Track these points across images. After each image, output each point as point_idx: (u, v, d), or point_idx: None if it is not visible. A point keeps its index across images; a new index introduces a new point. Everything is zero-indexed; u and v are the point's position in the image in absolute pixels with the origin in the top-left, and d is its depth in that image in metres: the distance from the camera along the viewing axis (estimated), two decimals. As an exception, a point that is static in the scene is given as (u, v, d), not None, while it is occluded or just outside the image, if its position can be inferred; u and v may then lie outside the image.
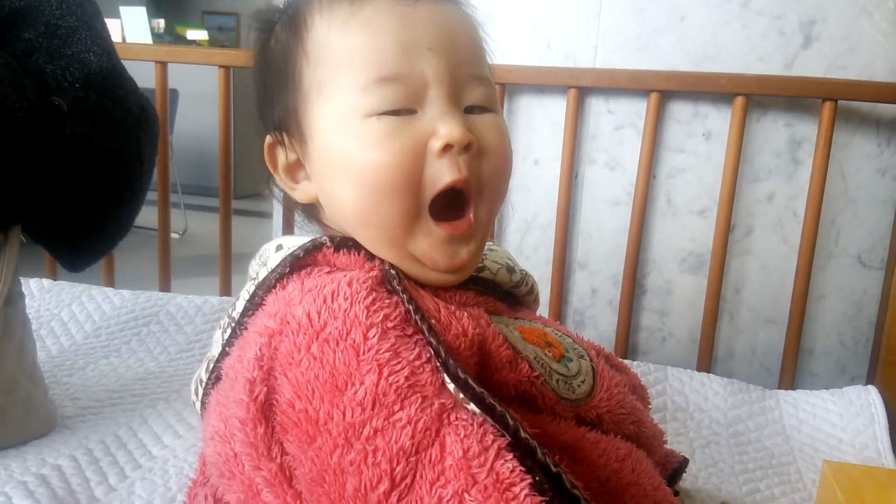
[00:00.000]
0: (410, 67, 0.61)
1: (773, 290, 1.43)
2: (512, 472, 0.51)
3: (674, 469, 0.82)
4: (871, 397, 1.23)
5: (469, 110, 0.64)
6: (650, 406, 0.86)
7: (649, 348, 1.50)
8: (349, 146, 0.61)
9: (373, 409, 0.52)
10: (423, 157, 0.60)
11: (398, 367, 0.54)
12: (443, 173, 0.60)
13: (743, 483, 1.01)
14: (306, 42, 0.64)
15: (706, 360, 1.42)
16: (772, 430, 1.19)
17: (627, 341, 1.47)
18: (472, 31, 0.66)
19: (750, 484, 1.01)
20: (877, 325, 1.39)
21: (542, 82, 1.42)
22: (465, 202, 0.63)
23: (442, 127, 0.60)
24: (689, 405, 1.24)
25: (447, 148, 0.60)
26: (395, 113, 0.61)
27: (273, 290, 0.62)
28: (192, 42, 6.24)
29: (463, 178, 0.61)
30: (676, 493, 0.85)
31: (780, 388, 1.37)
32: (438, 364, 0.56)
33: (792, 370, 1.39)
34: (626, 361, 1.34)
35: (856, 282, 1.41)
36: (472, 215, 0.63)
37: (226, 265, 1.64)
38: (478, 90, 0.64)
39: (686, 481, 0.96)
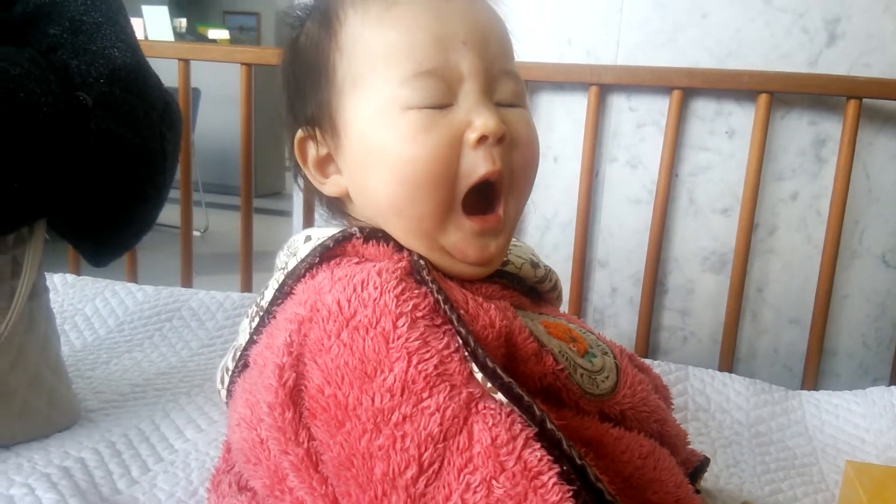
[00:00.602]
0: (446, 61, 0.62)
1: (796, 290, 1.42)
2: (540, 460, 0.51)
3: (695, 468, 0.81)
4: (894, 398, 1.22)
5: (499, 105, 0.64)
6: (673, 406, 0.86)
7: (670, 348, 1.49)
8: (387, 139, 0.62)
9: (402, 396, 0.53)
10: (458, 149, 0.61)
11: (427, 355, 0.54)
12: (478, 165, 0.61)
13: (765, 483, 1.01)
14: (340, 37, 0.65)
15: (728, 360, 1.41)
16: (794, 430, 1.18)
17: (648, 340, 1.46)
18: (502, 27, 0.67)
19: (772, 484, 1.01)
20: (901, 326, 1.37)
21: (564, 79, 1.41)
22: (496, 196, 0.64)
23: (477, 119, 0.61)
24: (711, 405, 1.23)
25: (482, 139, 0.61)
26: (434, 105, 0.62)
27: (303, 280, 0.63)
28: (214, 41, 6.28)
29: (497, 169, 0.62)
30: (697, 493, 0.85)
31: (802, 388, 1.36)
32: (467, 353, 0.56)
33: (815, 371, 1.38)
34: (647, 361, 1.34)
35: (880, 282, 1.40)
36: (501, 210, 0.64)
37: (247, 263, 1.65)
38: (508, 85, 0.65)
39: (708, 481, 0.96)
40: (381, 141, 0.63)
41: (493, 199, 0.64)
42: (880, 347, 1.42)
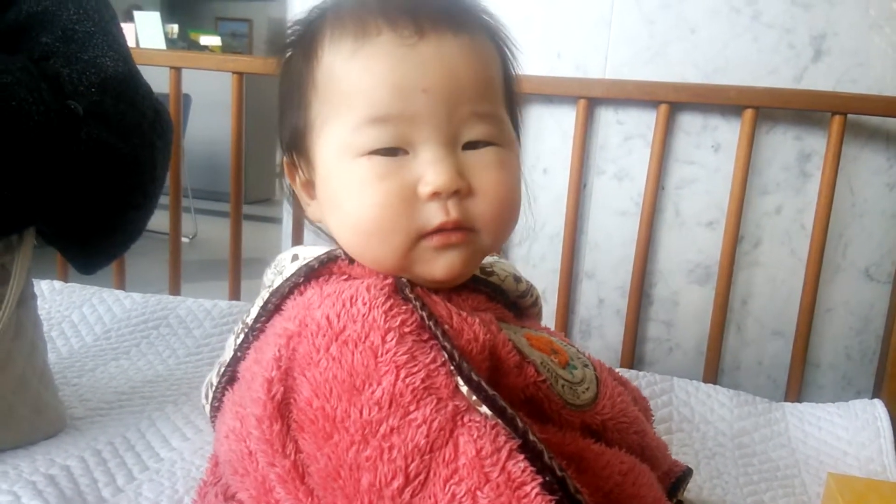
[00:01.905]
0: (402, 109, 0.61)
1: (780, 303, 1.43)
2: (523, 471, 0.52)
3: (677, 478, 0.82)
4: (876, 411, 1.23)
5: (472, 145, 0.63)
6: (653, 417, 0.87)
7: (655, 359, 1.50)
8: (341, 185, 0.63)
9: (389, 409, 0.54)
10: (412, 200, 0.61)
11: (415, 369, 0.55)
12: (432, 216, 0.61)
13: (748, 495, 1.02)
14: (315, 73, 0.65)
15: (713, 372, 1.42)
16: (777, 442, 1.19)
17: (634, 352, 1.47)
18: (481, 65, 0.64)
19: (755, 496, 1.02)
20: (883, 339, 1.38)
21: (552, 92, 1.43)
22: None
23: (430, 172, 0.60)
24: (695, 416, 1.24)
25: (434, 195, 0.60)
26: (387, 153, 0.61)
27: (290, 297, 0.63)
28: (205, 48, 6.28)
29: (452, 220, 0.61)
30: (681, 503, 0.86)
31: (786, 400, 1.37)
32: (452, 367, 0.57)
33: (798, 383, 1.39)
34: (632, 372, 1.35)
35: (863, 295, 1.41)
36: (465, 233, 0.63)
37: (235, 269, 1.65)
38: (479, 127, 0.63)
39: (691, 492, 0.97)
40: (336, 186, 0.63)
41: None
42: (863, 360, 1.43)
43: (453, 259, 0.63)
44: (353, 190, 0.62)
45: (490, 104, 0.65)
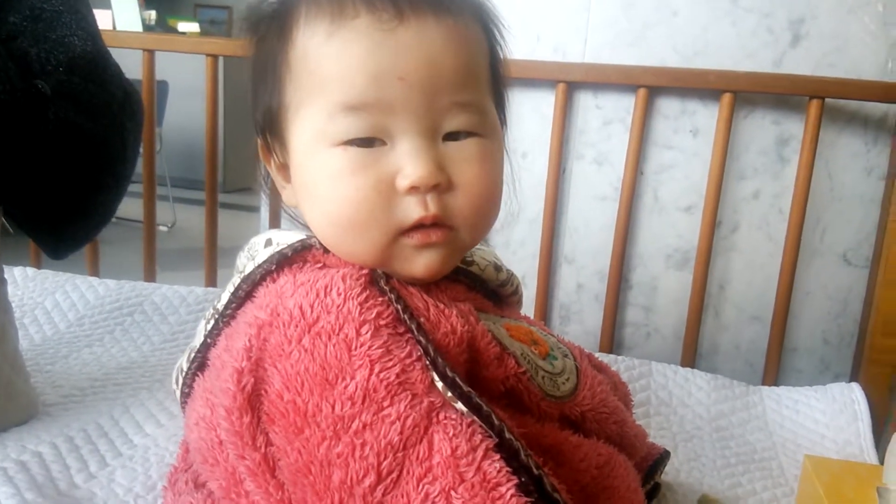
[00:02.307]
0: (378, 97, 0.58)
1: (757, 288, 1.43)
2: (499, 472, 0.51)
3: (654, 461, 0.82)
4: (854, 394, 1.24)
5: (453, 136, 0.61)
6: (633, 403, 0.86)
7: (634, 343, 1.50)
8: (317, 175, 0.61)
9: (363, 404, 0.52)
10: (389, 194, 0.59)
11: (389, 363, 0.54)
12: (410, 211, 0.59)
13: (725, 477, 1.02)
14: (289, 55, 0.62)
15: (690, 356, 1.42)
16: (754, 425, 1.19)
17: (613, 336, 1.47)
18: (463, 52, 0.61)
19: (732, 478, 1.02)
20: (861, 323, 1.39)
21: (531, 76, 1.42)
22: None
23: (408, 165, 0.58)
24: (673, 400, 1.24)
25: (413, 189, 0.59)
26: (363, 143, 0.59)
27: (262, 284, 0.62)
28: (183, 34, 6.21)
29: (431, 215, 0.59)
30: (658, 485, 0.86)
31: (763, 384, 1.37)
32: (428, 362, 0.56)
33: (776, 367, 1.40)
34: (611, 356, 1.35)
35: (841, 280, 1.42)
36: (445, 231, 0.61)
37: (211, 258, 1.64)
38: (459, 117, 0.61)
39: (668, 475, 0.97)
40: (312, 175, 0.61)
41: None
42: (841, 344, 1.44)
43: (433, 258, 0.61)
44: (328, 181, 0.60)
45: (472, 93, 0.62)
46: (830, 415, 1.21)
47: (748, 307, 1.45)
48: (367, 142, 0.59)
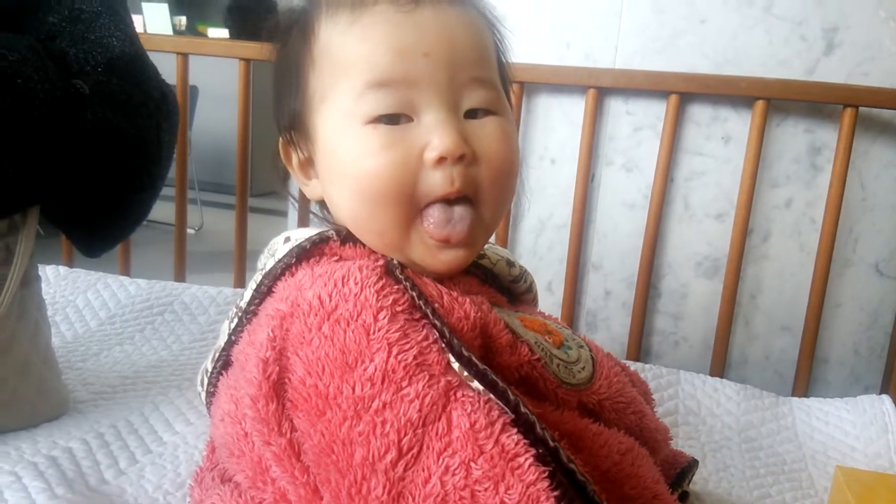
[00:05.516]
0: (404, 73, 0.61)
1: (788, 297, 1.42)
2: (517, 444, 0.53)
3: (682, 469, 0.82)
4: (885, 406, 1.22)
5: (472, 114, 0.64)
6: (654, 401, 0.87)
7: (662, 352, 1.49)
8: (347, 153, 0.63)
9: (382, 384, 0.54)
10: (417, 167, 0.61)
11: (407, 346, 0.56)
12: (436, 185, 0.62)
13: (754, 488, 1.01)
14: (313, 50, 0.66)
15: (720, 366, 1.41)
16: (784, 436, 1.18)
17: (640, 344, 1.46)
18: (476, 33, 0.66)
19: (761, 489, 1.01)
20: (892, 335, 1.37)
21: (561, 82, 1.42)
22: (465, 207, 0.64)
23: (436, 138, 0.61)
24: (702, 409, 1.23)
25: (441, 160, 0.61)
26: (391, 120, 0.62)
27: (281, 279, 0.64)
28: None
29: (456, 189, 0.62)
30: (686, 494, 0.85)
31: (793, 395, 1.36)
32: (444, 345, 0.58)
33: (806, 378, 1.38)
34: (638, 364, 1.34)
35: (872, 291, 1.40)
36: (468, 225, 0.63)
37: (240, 261, 1.65)
38: (478, 93, 0.64)
39: (697, 485, 0.96)
40: (342, 155, 0.64)
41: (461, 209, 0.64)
42: (872, 356, 1.42)
43: (456, 255, 0.64)
44: (359, 160, 0.62)
45: (487, 71, 0.66)
46: (860, 427, 1.20)
47: (779, 317, 1.43)
48: (394, 118, 0.62)
